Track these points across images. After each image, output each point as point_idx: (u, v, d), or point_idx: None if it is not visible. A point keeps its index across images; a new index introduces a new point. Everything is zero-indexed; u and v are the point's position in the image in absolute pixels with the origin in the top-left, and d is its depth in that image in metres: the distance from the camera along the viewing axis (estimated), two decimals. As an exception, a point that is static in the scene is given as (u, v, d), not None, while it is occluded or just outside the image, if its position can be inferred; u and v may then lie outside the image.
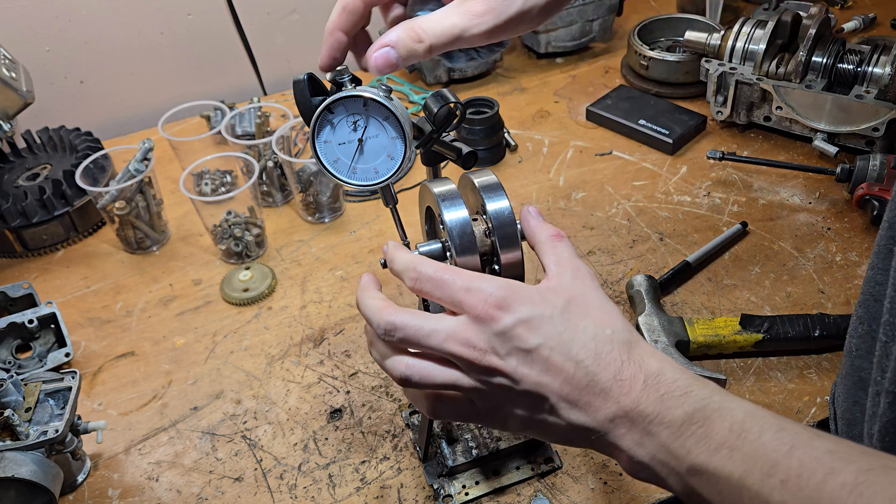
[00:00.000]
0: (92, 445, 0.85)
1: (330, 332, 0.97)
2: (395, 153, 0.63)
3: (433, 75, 1.37)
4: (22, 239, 1.11)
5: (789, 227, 1.04)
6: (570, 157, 1.21)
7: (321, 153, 0.64)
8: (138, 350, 0.97)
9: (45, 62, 1.29)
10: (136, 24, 1.33)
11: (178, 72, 1.40)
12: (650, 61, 1.29)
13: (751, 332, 0.86)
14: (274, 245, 1.11)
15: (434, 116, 0.68)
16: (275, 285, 1.04)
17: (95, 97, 1.37)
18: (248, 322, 0.99)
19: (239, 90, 1.44)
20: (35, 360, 0.94)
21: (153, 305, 1.04)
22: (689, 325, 0.87)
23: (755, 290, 0.95)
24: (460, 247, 0.60)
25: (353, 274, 1.05)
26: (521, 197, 1.14)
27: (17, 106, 1.07)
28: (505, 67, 1.44)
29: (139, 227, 1.09)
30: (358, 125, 0.63)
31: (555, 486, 0.77)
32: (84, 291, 1.07)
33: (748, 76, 1.14)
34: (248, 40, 1.41)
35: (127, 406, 0.91)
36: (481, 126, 1.17)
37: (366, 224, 1.13)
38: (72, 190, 1.11)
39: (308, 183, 1.09)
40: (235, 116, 1.19)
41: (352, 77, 0.63)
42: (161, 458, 0.84)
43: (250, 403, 0.89)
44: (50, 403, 0.78)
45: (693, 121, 1.21)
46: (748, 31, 1.16)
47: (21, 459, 0.72)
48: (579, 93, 1.35)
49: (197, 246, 1.12)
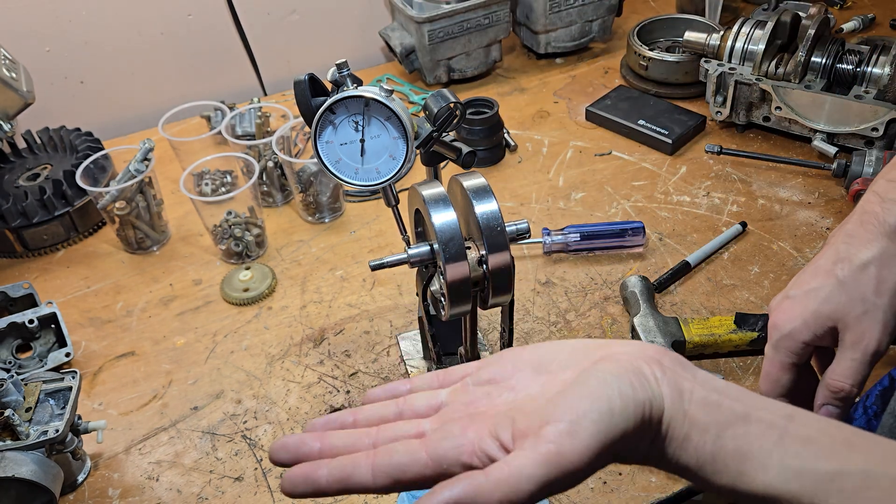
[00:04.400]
0: (92, 445, 0.85)
1: (330, 332, 0.97)
2: (397, 153, 0.64)
3: (433, 75, 1.37)
4: (22, 239, 1.11)
5: (788, 226, 1.04)
6: (569, 158, 1.21)
7: (323, 153, 0.64)
8: (138, 350, 0.98)
9: (45, 62, 1.29)
10: (137, 25, 1.33)
11: (179, 72, 1.40)
12: (650, 61, 1.29)
13: (745, 331, 0.86)
14: (274, 245, 1.11)
15: (434, 116, 0.68)
16: (275, 285, 1.04)
17: (96, 97, 1.37)
18: (249, 322, 0.99)
19: (239, 90, 1.44)
20: (35, 360, 0.94)
21: (153, 305, 1.04)
22: (685, 325, 0.87)
23: (754, 289, 0.96)
24: (448, 251, 0.60)
25: (352, 274, 1.05)
26: (522, 197, 1.14)
27: (17, 106, 1.07)
28: (505, 68, 1.44)
29: (139, 227, 1.09)
30: (359, 125, 0.63)
31: (555, 485, 0.77)
32: (84, 291, 1.07)
33: (747, 76, 1.14)
34: (248, 40, 1.41)
35: (127, 406, 0.91)
36: (481, 126, 1.18)
37: (366, 224, 1.13)
38: (72, 190, 1.11)
39: (308, 183, 1.09)
40: (235, 117, 1.19)
41: (353, 77, 0.63)
42: (161, 457, 0.84)
43: (250, 403, 0.89)
44: (50, 403, 0.78)
45: (692, 121, 1.21)
46: (747, 31, 1.16)
47: (21, 459, 0.72)
48: (579, 93, 1.35)
49: (197, 246, 1.13)
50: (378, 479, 0.43)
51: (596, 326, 0.93)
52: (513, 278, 0.64)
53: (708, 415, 0.43)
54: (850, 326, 0.65)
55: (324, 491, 0.44)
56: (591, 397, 0.42)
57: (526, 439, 0.42)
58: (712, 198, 1.10)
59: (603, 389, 0.43)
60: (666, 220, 1.07)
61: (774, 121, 1.16)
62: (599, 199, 1.12)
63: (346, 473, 0.44)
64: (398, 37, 1.37)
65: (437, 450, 0.43)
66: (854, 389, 0.65)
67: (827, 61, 1.10)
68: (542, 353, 0.50)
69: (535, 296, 0.98)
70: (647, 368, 0.45)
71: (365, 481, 0.44)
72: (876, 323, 0.65)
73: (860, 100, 1.06)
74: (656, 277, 0.97)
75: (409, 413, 0.49)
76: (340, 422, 0.50)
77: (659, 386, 0.44)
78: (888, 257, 0.65)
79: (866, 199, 0.69)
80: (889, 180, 0.68)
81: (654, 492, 0.76)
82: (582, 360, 0.47)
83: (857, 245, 0.67)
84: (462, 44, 1.34)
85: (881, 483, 0.40)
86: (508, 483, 0.40)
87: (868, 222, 0.67)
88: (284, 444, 0.46)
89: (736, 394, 0.45)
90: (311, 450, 0.46)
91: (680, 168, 1.16)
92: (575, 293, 0.98)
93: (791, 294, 0.69)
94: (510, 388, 0.48)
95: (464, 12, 1.30)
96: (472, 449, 0.43)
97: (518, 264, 1.02)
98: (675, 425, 0.44)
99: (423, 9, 1.28)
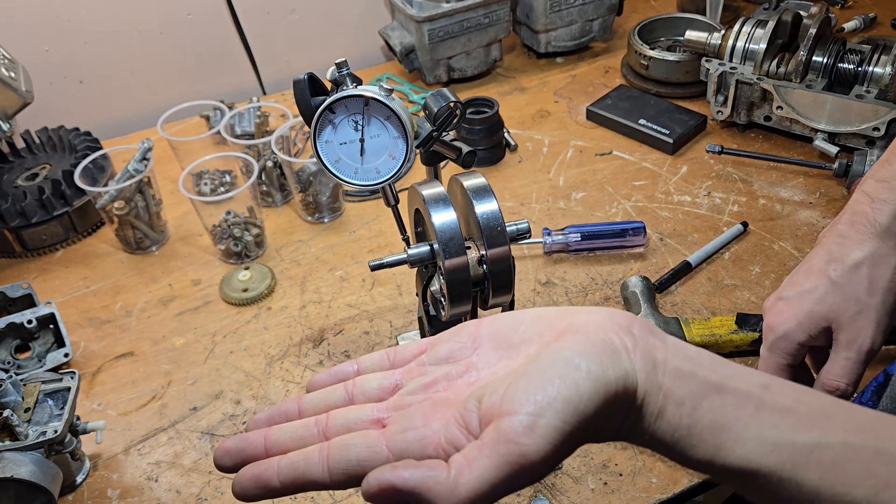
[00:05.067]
0: (91, 446, 0.85)
1: (329, 333, 0.96)
2: (397, 153, 0.63)
3: (433, 75, 1.37)
4: (21, 239, 1.11)
5: (790, 226, 1.04)
6: (569, 157, 1.21)
7: (322, 153, 0.64)
8: (138, 350, 0.97)
9: (44, 62, 1.29)
10: (136, 24, 1.32)
11: (178, 72, 1.40)
12: (650, 61, 1.29)
13: (747, 331, 0.86)
14: (273, 245, 1.11)
15: (434, 116, 0.68)
16: (274, 285, 1.04)
17: (95, 97, 1.37)
18: (248, 322, 0.99)
19: (238, 90, 1.44)
20: (34, 361, 0.94)
21: (152, 305, 1.03)
22: (686, 326, 0.87)
23: (755, 290, 0.95)
24: (448, 251, 0.60)
25: (352, 274, 1.04)
26: (522, 197, 1.14)
27: (16, 106, 1.07)
28: (505, 67, 1.44)
29: (138, 227, 1.09)
30: (359, 125, 0.63)
31: (555, 486, 0.77)
32: (83, 291, 1.07)
33: (748, 76, 1.14)
34: (247, 40, 1.41)
35: (126, 406, 0.90)
36: (481, 126, 1.17)
37: (365, 224, 1.13)
38: (71, 190, 1.11)
39: (307, 183, 1.09)
40: (235, 116, 1.19)
41: (352, 76, 0.63)
42: (160, 458, 0.84)
43: (250, 404, 0.89)
44: (49, 404, 0.78)
45: (693, 120, 1.20)
46: (748, 30, 1.15)
47: (20, 460, 0.72)
48: (579, 92, 1.35)
49: (196, 246, 1.12)
50: (335, 477, 0.40)
51: (596, 327, 0.93)
52: (513, 278, 0.64)
53: (683, 386, 0.41)
54: (844, 326, 0.66)
55: (278, 492, 0.41)
56: (555, 382, 0.38)
57: (488, 429, 0.39)
58: (713, 198, 1.10)
59: (569, 371, 0.39)
60: (667, 220, 1.07)
61: (775, 120, 1.16)
62: (600, 198, 1.12)
63: (299, 472, 0.41)
64: (398, 36, 1.36)
65: (398, 443, 0.40)
66: (850, 388, 0.66)
67: (828, 61, 1.09)
68: (500, 324, 0.46)
69: (535, 296, 0.98)
70: (617, 339, 0.41)
71: (320, 479, 0.40)
72: (870, 322, 0.65)
73: (861, 99, 1.05)
74: (657, 277, 0.97)
75: (361, 397, 0.46)
76: (284, 413, 0.46)
77: (631, 358, 0.41)
78: (879, 257, 0.66)
79: (856, 200, 0.69)
80: (878, 180, 0.69)
81: (655, 493, 0.75)
82: (545, 333, 0.44)
83: (848, 245, 0.67)
84: (462, 43, 1.34)
85: (861, 455, 0.39)
86: (468, 487, 0.37)
87: (858, 222, 0.68)
88: (226, 449, 0.43)
89: (709, 362, 0.42)
90: (256, 450, 0.43)
91: (681, 168, 1.16)
92: (575, 293, 0.98)
93: (785, 295, 0.70)
94: (472, 365, 0.45)
95: (464, 11, 1.30)
96: (438, 441, 0.40)
97: (518, 264, 1.02)
98: (650, 399, 0.41)
99: (423, 8, 1.27)
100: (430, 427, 0.41)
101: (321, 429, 0.43)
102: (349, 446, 0.41)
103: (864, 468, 0.39)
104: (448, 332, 0.48)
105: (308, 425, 0.44)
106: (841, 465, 0.39)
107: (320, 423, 0.44)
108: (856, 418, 0.41)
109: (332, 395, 0.47)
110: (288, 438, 0.43)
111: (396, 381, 0.46)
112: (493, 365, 0.45)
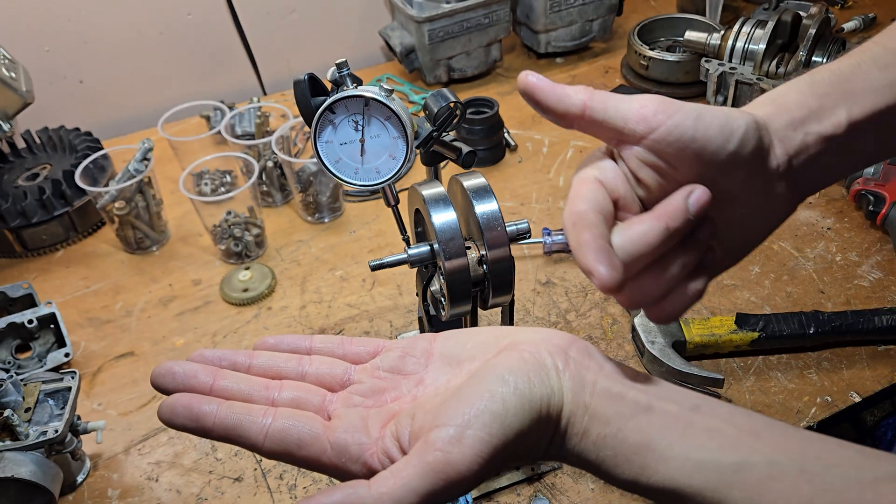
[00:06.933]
0: (91, 445, 0.85)
1: (330, 332, 0.97)
2: (398, 153, 0.63)
3: (433, 75, 1.37)
4: (21, 239, 1.11)
5: (789, 226, 1.04)
6: (570, 157, 1.21)
7: (323, 153, 0.64)
8: (138, 350, 0.97)
9: (44, 62, 1.29)
10: (136, 24, 1.33)
11: (178, 72, 1.40)
12: (650, 61, 1.29)
13: (746, 331, 0.86)
14: (273, 245, 1.11)
15: (434, 116, 0.68)
16: (274, 285, 1.04)
17: (95, 97, 1.37)
18: (248, 322, 0.99)
19: (238, 90, 1.44)
20: (35, 361, 0.94)
21: (153, 305, 1.03)
22: (686, 325, 0.87)
23: (755, 289, 0.95)
24: (449, 251, 0.60)
25: (352, 274, 1.05)
26: (521, 197, 1.14)
27: (16, 106, 1.07)
28: (505, 67, 1.44)
29: (139, 227, 1.09)
30: (359, 125, 0.63)
31: (555, 486, 0.77)
32: (84, 291, 1.07)
33: (748, 76, 1.14)
34: (247, 40, 1.41)
35: (126, 406, 0.91)
36: (481, 126, 1.17)
37: (365, 224, 1.13)
38: (71, 190, 1.11)
39: (308, 183, 1.09)
40: (235, 116, 1.19)
41: (352, 76, 0.63)
42: (161, 458, 0.84)
43: (250, 403, 0.89)
44: (49, 403, 0.78)
45: (693, 121, 1.20)
46: (748, 30, 1.16)
47: (20, 459, 0.72)
48: (579, 93, 1.35)
49: (196, 246, 1.12)
50: (269, 444, 0.40)
51: (596, 327, 0.93)
52: (513, 278, 0.64)
53: (610, 407, 0.41)
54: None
55: (205, 432, 0.41)
56: (485, 396, 0.39)
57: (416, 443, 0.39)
58: (713, 198, 1.10)
59: (498, 387, 0.40)
60: (666, 220, 1.07)
61: (775, 120, 1.16)
62: (600, 198, 1.12)
63: (237, 422, 0.41)
64: (398, 36, 1.36)
65: (340, 440, 0.41)
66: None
67: (828, 61, 1.09)
68: (453, 342, 0.47)
69: (535, 296, 0.98)
70: (549, 360, 0.42)
71: (255, 439, 0.40)
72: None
73: (861, 99, 1.05)
74: (657, 277, 0.97)
75: (313, 378, 0.46)
76: (233, 362, 0.46)
77: (560, 378, 0.42)
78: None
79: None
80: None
81: (655, 492, 0.75)
82: (488, 351, 0.45)
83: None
84: (462, 43, 1.34)
85: (787, 474, 0.38)
86: (392, 496, 0.37)
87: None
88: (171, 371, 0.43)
89: (643, 384, 0.42)
90: (202, 385, 0.43)
91: (680, 168, 1.16)
92: (575, 293, 0.98)
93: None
94: (419, 381, 0.46)
95: (464, 11, 1.30)
96: (375, 450, 0.41)
97: (518, 264, 1.02)
98: (574, 420, 0.41)
99: (423, 8, 1.27)
100: (370, 434, 0.42)
101: (270, 394, 0.44)
102: (295, 424, 0.41)
103: (788, 487, 0.38)
104: (406, 343, 0.49)
105: (258, 385, 0.44)
106: (766, 484, 0.38)
107: (270, 387, 0.44)
108: (786, 437, 0.40)
109: (284, 363, 0.47)
110: (237, 389, 0.44)
111: (349, 376, 0.47)
112: (437, 381, 0.46)
